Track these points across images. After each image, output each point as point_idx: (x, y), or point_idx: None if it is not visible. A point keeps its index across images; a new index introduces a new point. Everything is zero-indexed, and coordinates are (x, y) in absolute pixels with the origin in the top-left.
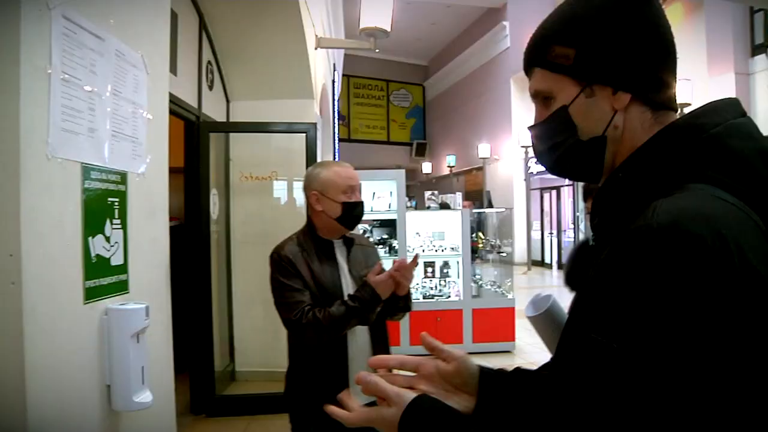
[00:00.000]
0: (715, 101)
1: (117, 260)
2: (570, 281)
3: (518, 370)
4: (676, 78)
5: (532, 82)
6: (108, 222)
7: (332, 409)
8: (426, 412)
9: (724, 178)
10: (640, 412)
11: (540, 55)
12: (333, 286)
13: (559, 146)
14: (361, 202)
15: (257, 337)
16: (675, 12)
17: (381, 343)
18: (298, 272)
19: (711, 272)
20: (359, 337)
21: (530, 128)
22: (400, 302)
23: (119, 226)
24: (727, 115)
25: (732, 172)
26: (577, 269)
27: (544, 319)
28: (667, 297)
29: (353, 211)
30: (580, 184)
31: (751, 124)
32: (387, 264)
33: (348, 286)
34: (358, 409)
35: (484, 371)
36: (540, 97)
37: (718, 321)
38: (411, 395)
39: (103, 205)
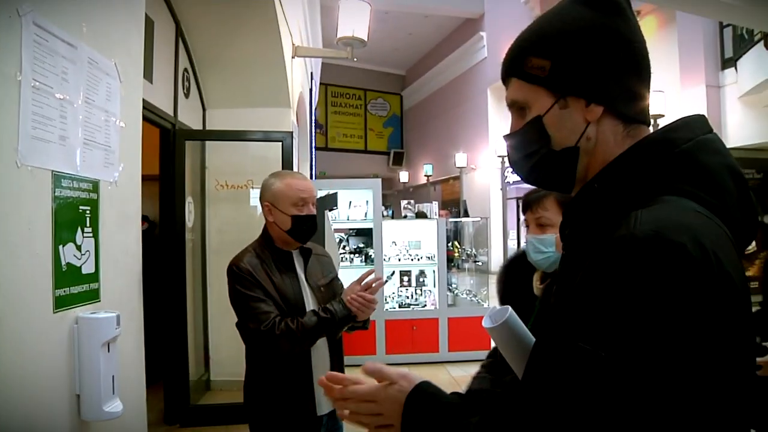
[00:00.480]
0: (686, 117)
1: (88, 269)
2: (504, 302)
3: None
4: (649, 92)
5: (509, 91)
6: (79, 230)
7: (339, 376)
8: (433, 389)
9: (695, 191)
10: (631, 419)
11: (517, 65)
12: (295, 297)
13: (533, 155)
14: (313, 216)
15: (233, 345)
16: (649, 24)
17: (337, 353)
18: (259, 283)
19: (693, 279)
20: (321, 347)
21: (506, 137)
22: (359, 321)
23: (90, 235)
24: (697, 130)
25: (703, 186)
26: (511, 289)
27: (501, 330)
28: (653, 304)
29: (303, 225)
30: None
31: (718, 140)
32: (356, 274)
33: (308, 297)
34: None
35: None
36: (516, 107)
37: (702, 325)
38: (419, 376)
39: (74, 214)
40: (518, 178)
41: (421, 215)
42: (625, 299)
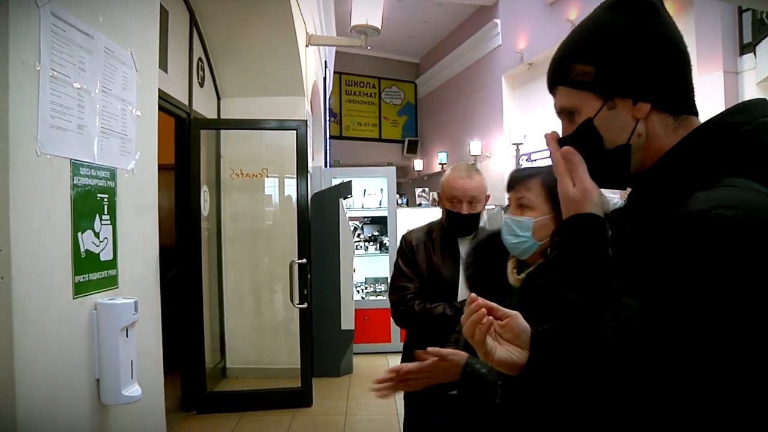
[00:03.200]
0: (744, 102)
1: (106, 256)
2: (474, 287)
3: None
4: (692, 82)
5: (557, 99)
6: (97, 218)
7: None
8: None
9: (756, 171)
10: (695, 364)
11: (562, 74)
12: (449, 278)
13: (588, 156)
14: (463, 215)
15: (248, 333)
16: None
17: None
18: (414, 260)
19: (742, 249)
20: None
21: (559, 141)
22: None
23: (108, 222)
24: (757, 113)
25: (764, 166)
26: (481, 273)
27: None
28: (707, 273)
29: (453, 221)
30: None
31: None
32: (376, 262)
33: (464, 281)
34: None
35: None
36: (565, 113)
37: (749, 290)
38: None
39: (92, 201)
40: (533, 166)
41: (436, 203)
42: (670, 262)
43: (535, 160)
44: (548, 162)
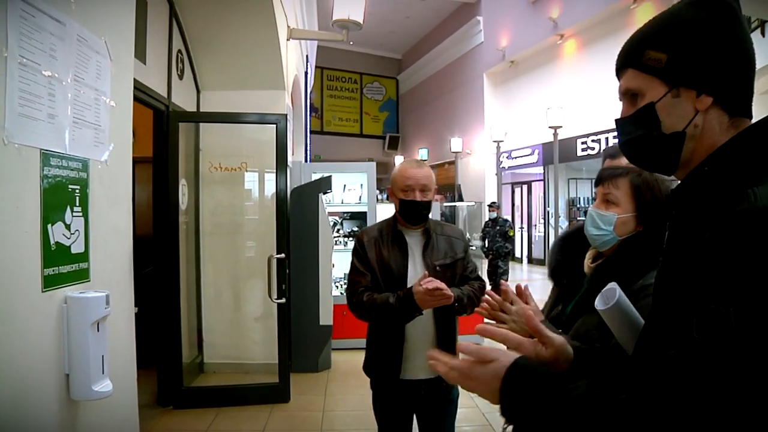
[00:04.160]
0: None
1: (78, 248)
2: (555, 275)
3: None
4: (753, 88)
5: (624, 80)
6: (68, 209)
7: (438, 355)
8: (531, 364)
9: None
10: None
11: (634, 56)
12: (398, 271)
13: (644, 137)
14: (416, 202)
15: (226, 328)
16: (646, 11)
17: (446, 329)
18: (365, 256)
19: None
20: (423, 321)
21: (617, 121)
22: (455, 305)
23: (80, 214)
24: None
25: None
26: (563, 263)
27: (613, 310)
28: None
29: (407, 208)
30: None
31: None
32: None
33: (416, 273)
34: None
35: (578, 350)
36: (629, 95)
37: None
38: (515, 354)
39: (63, 193)
40: (513, 164)
41: None
42: (751, 263)
43: (515, 157)
44: (531, 159)
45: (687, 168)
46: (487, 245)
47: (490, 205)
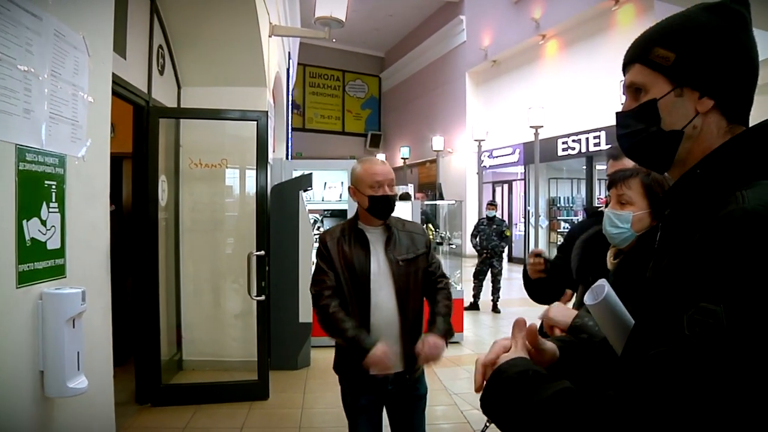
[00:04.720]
0: None
1: (53, 244)
2: (580, 275)
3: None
4: (753, 98)
5: (630, 74)
6: (44, 205)
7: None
8: (514, 362)
9: None
10: (749, 367)
11: (643, 52)
12: (360, 267)
13: (642, 132)
14: (386, 196)
15: (206, 325)
16: (627, 13)
17: (413, 323)
18: (328, 254)
19: None
20: (385, 315)
21: (618, 114)
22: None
23: (56, 210)
24: None
25: None
26: (587, 263)
27: (602, 306)
28: (763, 266)
29: (378, 204)
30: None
31: None
32: None
33: (379, 269)
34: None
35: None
36: (633, 89)
37: None
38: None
39: (39, 188)
40: (495, 162)
41: (405, 197)
42: (740, 263)
43: (496, 157)
44: (512, 158)
45: (681, 168)
46: (480, 243)
47: (489, 204)
